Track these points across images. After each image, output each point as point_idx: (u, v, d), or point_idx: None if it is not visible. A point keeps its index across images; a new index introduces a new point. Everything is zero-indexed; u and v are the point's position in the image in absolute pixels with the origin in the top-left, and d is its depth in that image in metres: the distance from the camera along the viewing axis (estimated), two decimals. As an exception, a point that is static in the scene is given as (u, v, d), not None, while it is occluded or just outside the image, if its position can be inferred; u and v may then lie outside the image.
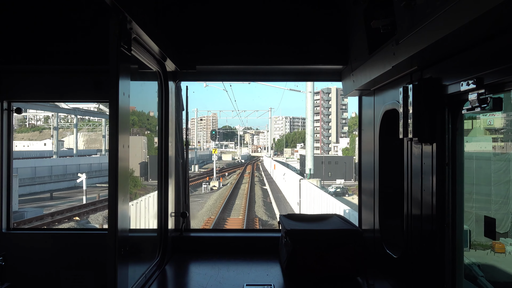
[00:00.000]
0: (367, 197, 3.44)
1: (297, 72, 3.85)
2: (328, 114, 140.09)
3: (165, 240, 3.40)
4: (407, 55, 2.11)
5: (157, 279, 3.04)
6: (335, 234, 2.97)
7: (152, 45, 2.81)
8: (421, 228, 2.35)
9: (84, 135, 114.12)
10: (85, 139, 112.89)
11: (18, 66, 3.58)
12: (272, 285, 2.86)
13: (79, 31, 3.36)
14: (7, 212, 3.76)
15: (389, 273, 2.95)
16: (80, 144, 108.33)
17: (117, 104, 2.18)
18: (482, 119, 7.59)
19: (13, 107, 3.80)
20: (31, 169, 35.17)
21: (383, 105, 3.00)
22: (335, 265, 2.90)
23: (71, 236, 3.81)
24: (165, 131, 3.47)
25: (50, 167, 38.52)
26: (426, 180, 2.26)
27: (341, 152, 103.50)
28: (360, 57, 3.04)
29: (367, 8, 2.76)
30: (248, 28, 3.55)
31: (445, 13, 1.63)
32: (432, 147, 2.20)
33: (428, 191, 2.24)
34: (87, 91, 3.72)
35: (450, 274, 2.10)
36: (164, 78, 3.40)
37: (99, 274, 3.59)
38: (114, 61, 2.18)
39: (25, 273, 3.63)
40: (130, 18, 2.24)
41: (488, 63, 1.70)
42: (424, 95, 2.19)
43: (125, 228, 2.30)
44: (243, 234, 4.03)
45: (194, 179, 43.76)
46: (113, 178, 2.18)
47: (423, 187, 2.30)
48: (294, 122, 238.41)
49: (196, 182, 42.17)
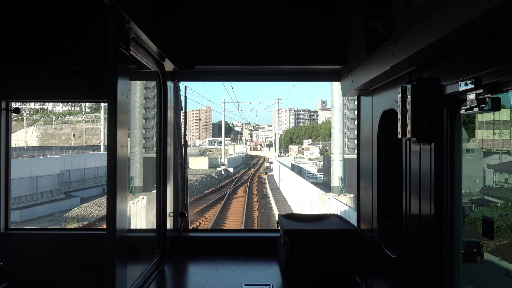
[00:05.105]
0: (366, 197, 3.44)
1: (295, 72, 3.85)
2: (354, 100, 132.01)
3: (163, 240, 3.40)
4: (406, 55, 2.11)
5: (156, 279, 3.03)
6: (333, 234, 2.98)
7: (151, 45, 2.81)
8: (420, 228, 2.35)
9: (39, 129, 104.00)
10: (39, 134, 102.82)
11: (16, 66, 3.57)
12: (270, 285, 2.86)
13: (77, 31, 3.36)
14: (5, 212, 3.75)
15: (387, 273, 2.95)
16: (34, 140, 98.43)
17: (116, 104, 2.18)
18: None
19: (11, 107, 3.79)
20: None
21: (381, 105, 3.00)
22: (333, 265, 2.90)
23: (69, 236, 3.81)
24: (164, 131, 3.47)
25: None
26: (424, 180, 2.27)
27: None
28: (359, 57, 3.04)
29: (365, 8, 2.76)
30: (247, 28, 3.55)
31: (444, 13, 1.63)
32: (430, 147, 2.20)
33: (426, 191, 2.25)
34: (85, 91, 3.71)
35: (448, 274, 2.10)
36: (163, 78, 3.40)
37: (97, 274, 3.58)
38: (113, 61, 2.18)
39: (23, 274, 3.62)
40: (129, 18, 2.24)
41: (486, 63, 1.70)
42: (423, 95, 2.20)
43: (123, 228, 2.30)
44: (241, 234, 4.03)
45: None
46: (112, 178, 2.18)
47: (422, 187, 2.31)
48: (299, 115, 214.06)
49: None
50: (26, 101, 3.98)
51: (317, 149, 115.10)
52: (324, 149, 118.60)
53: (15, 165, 26.89)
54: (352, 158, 31.70)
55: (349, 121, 40.33)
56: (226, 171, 54.88)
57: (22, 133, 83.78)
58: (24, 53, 3.41)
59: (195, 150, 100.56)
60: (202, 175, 44.50)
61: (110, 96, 2.18)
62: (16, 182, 26.42)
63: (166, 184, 3.49)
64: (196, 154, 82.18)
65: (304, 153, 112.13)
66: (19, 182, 27.15)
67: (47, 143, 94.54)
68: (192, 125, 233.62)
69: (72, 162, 40.49)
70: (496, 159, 10.91)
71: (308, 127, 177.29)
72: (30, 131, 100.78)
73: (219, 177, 48.24)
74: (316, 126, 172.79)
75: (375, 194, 3.18)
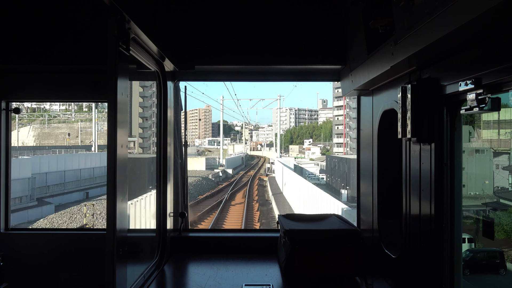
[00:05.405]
0: (366, 197, 3.44)
1: (295, 72, 3.85)
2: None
3: (163, 240, 3.40)
4: (406, 55, 2.11)
5: (156, 279, 3.03)
6: (333, 234, 2.98)
7: (151, 45, 2.81)
8: (420, 228, 2.35)
9: (35, 129, 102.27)
10: (36, 133, 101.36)
11: (16, 66, 3.57)
12: (270, 285, 2.86)
13: (78, 31, 3.36)
14: (5, 212, 3.75)
15: (387, 273, 2.95)
16: (30, 140, 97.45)
17: (116, 104, 2.18)
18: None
19: (11, 107, 3.79)
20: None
21: (381, 105, 3.00)
22: (333, 265, 2.90)
23: (70, 236, 3.81)
24: (164, 131, 3.47)
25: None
26: (425, 180, 2.27)
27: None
28: (359, 57, 3.04)
29: (365, 8, 2.76)
30: (247, 28, 3.55)
31: (444, 13, 1.63)
32: (430, 147, 2.20)
33: (426, 191, 2.24)
34: (85, 91, 3.71)
35: (448, 274, 2.10)
36: (163, 78, 3.40)
37: (97, 274, 3.58)
38: (113, 61, 2.18)
39: (23, 274, 3.62)
40: (129, 18, 2.24)
41: (486, 63, 1.70)
42: (423, 95, 2.20)
43: (123, 228, 2.30)
44: (242, 234, 4.03)
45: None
46: (112, 178, 2.18)
47: (422, 187, 2.31)
48: (299, 115, 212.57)
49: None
50: (26, 101, 3.98)
51: (318, 149, 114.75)
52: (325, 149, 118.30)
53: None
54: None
55: (351, 120, 39.20)
56: (225, 173, 52.09)
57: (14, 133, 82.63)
58: (24, 53, 3.41)
59: (193, 150, 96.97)
60: (197, 177, 40.32)
61: (110, 96, 2.18)
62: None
63: (166, 184, 3.49)
64: (194, 154, 78.83)
65: (305, 153, 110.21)
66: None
67: (44, 143, 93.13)
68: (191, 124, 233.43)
69: (50, 163, 36.20)
70: (506, 159, 10.65)
71: (309, 127, 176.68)
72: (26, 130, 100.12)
73: (216, 180, 44.88)
74: (317, 125, 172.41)
75: (375, 194, 3.18)
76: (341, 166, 39.82)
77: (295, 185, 26.62)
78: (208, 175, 45.22)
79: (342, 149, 78.84)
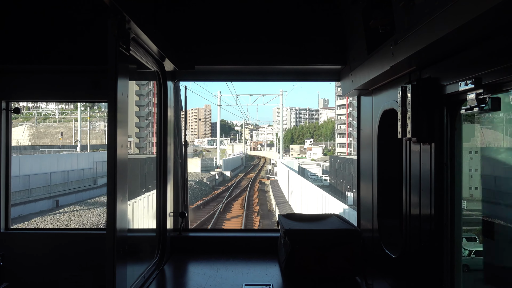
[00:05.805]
0: (366, 197, 3.44)
1: (295, 72, 3.85)
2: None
3: (163, 240, 3.40)
4: (406, 55, 2.11)
5: (156, 279, 3.04)
6: (334, 234, 2.98)
7: (151, 45, 2.81)
8: (420, 228, 2.35)
9: (30, 128, 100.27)
10: (31, 133, 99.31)
11: (16, 66, 3.57)
12: (271, 285, 2.86)
13: (78, 31, 3.36)
14: (5, 212, 3.75)
15: (387, 273, 2.95)
16: (25, 139, 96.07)
17: (116, 104, 2.18)
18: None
19: (11, 107, 3.79)
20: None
21: (381, 105, 3.00)
22: (333, 265, 2.90)
23: (70, 236, 3.81)
24: (164, 130, 3.47)
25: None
26: (425, 180, 2.27)
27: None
28: (359, 57, 3.04)
29: (365, 8, 2.76)
30: (247, 28, 3.55)
31: (444, 13, 1.63)
32: (430, 147, 2.20)
33: (426, 191, 2.24)
34: (85, 91, 3.72)
35: (448, 274, 2.10)
36: (163, 78, 3.40)
37: (97, 274, 3.59)
38: (113, 61, 2.18)
39: (23, 274, 3.63)
40: (129, 17, 2.24)
41: (486, 63, 1.70)
42: (423, 95, 2.20)
43: (123, 228, 2.30)
44: (242, 234, 4.03)
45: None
46: (112, 178, 2.18)
47: (422, 187, 2.31)
48: (300, 114, 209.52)
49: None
50: (26, 101, 3.99)
51: (320, 149, 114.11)
52: (327, 149, 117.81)
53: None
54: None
55: (354, 119, 38.71)
56: (222, 175, 46.63)
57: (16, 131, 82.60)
58: (24, 53, 3.41)
59: (190, 150, 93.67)
60: (190, 181, 33.47)
61: (110, 96, 2.18)
62: None
63: (166, 184, 3.49)
64: (191, 154, 73.33)
65: (307, 153, 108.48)
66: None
67: (39, 142, 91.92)
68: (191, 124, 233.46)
69: (21, 165, 30.46)
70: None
71: (310, 127, 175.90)
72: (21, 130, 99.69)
73: (212, 184, 39.86)
74: (318, 125, 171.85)
75: (375, 194, 3.18)
76: (346, 167, 38.86)
77: (304, 192, 22.93)
78: (202, 178, 40.39)
79: (345, 149, 75.87)
